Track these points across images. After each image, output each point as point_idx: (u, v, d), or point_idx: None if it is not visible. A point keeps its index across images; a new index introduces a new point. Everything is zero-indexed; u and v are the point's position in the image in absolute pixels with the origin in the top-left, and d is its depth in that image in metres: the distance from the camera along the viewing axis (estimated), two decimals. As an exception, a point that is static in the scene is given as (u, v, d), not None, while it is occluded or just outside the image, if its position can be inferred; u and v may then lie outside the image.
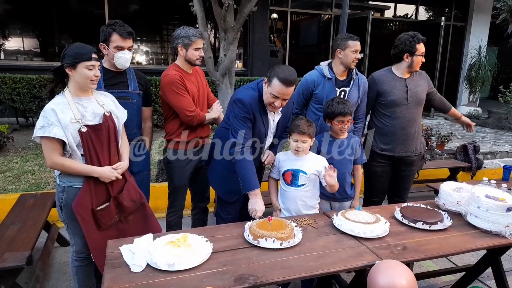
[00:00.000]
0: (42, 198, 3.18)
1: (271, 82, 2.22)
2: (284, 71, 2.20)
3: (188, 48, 2.64)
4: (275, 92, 2.22)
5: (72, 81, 2.06)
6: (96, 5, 8.22)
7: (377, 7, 11.40)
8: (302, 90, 2.98)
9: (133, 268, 1.64)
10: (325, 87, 2.89)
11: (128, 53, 2.44)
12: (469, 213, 2.19)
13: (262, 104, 2.38)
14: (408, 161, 3.10)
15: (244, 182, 2.32)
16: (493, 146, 6.71)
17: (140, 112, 2.64)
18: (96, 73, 2.06)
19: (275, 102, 2.27)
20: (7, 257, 2.23)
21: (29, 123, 6.67)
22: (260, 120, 2.40)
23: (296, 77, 2.23)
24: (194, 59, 2.69)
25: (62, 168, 2.06)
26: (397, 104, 2.97)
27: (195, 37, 2.63)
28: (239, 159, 2.32)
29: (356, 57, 2.86)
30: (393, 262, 1.63)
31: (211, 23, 8.58)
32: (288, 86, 2.20)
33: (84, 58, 2.00)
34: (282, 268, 1.68)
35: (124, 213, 2.24)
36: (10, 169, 4.57)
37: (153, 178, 4.37)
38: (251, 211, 2.25)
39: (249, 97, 2.34)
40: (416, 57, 2.93)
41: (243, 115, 2.33)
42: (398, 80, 3.00)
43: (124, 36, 2.41)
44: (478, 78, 10.16)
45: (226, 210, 2.65)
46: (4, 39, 8.19)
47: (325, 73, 2.90)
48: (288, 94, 2.25)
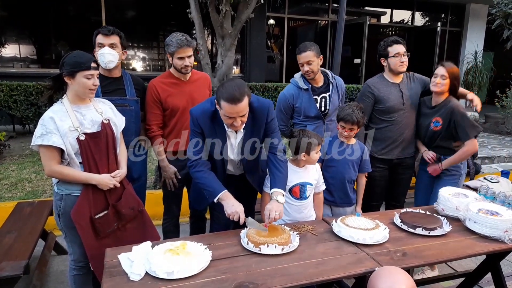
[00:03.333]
0: (39, 206, 3.16)
1: (220, 104, 2.03)
2: (228, 89, 1.99)
3: (173, 56, 2.60)
4: (227, 113, 2.02)
5: (70, 89, 2.06)
6: (93, 12, 8.25)
7: (374, 13, 11.48)
8: (283, 106, 3.00)
9: (131, 276, 1.62)
10: (303, 98, 2.92)
11: (107, 49, 2.42)
12: (468, 219, 2.19)
13: (217, 120, 2.18)
14: (405, 165, 3.12)
15: (208, 191, 2.16)
16: (491, 151, 6.73)
17: (138, 119, 2.63)
18: (95, 82, 2.06)
19: (234, 122, 2.06)
20: (4, 266, 2.21)
21: (26, 131, 6.64)
22: (213, 134, 2.22)
23: (243, 90, 2.00)
24: (178, 68, 2.63)
25: (61, 176, 2.05)
26: (395, 110, 2.98)
27: (174, 47, 2.56)
28: (194, 173, 2.20)
29: (305, 70, 2.85)
30: (393, 268, 1.62)
31: (208, 29, 8.61)
32: (237, 103, 1.97)
33: (83, 68, 2.00)
34: (282, 276, 1.67)
35: (122, 221, 2.22)
36: (6, 176, 4.54)
37: (151, 185, 4.36)
38: (231, 215, 2.05)
39: (200, 111, 2.19)
40: (391, 58, 2.95)
41: (192, 128, 2.22)
42: (392, 85, 3.02)
43: (104, 32, 2.43)
44: (475, 83, 10.23)
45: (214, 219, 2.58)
46: (1, 46, 8.18)
47: (300, 85, 2.92)
48: (242, 111, 2.02)
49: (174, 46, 2.55)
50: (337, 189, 2.68)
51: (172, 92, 2.67)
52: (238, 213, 2.04)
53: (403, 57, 2.93)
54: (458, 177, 2.92)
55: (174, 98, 2.66)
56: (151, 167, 4.53)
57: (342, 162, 2.66)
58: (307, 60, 2.82)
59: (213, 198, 2.14)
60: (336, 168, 2.66)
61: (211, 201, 2.17)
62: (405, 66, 2.97)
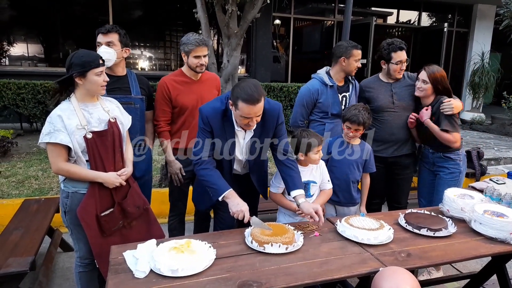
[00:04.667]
0: (45, 203, 3.19)
1: (237, 105, 2.01)
2: (246, 89, 1.98)
3: (189, 55, 2.65)
4: (244, 114, 2.02)
5: (80, 88, 2.07)
6: (100, 11, 8.30)
7: (380, 13, 11.45)
8: (306, 100, 2.97)
9: (136, 274, 1.64)
10: (329, 95, 2.91)
11: (103, 48, 2.42)
12: (473, 220, 2.18)
13: (227, 118, 2.20)
14: (402, 164, 3.11)
15: (213, 188, 2.15)
16: (497, 152, 6.68)
17: (143, 118, 2.64)
18: (105, 78, 2.10)
19: (250, 122, 2.08)
20: (11, 262, 2.23)
21: (33, 129, 6.70)
22: (222, 134, 2.22)
23: (261, 91, 2.01)
24: (194, 67, 2.69)
25: (68, 173, 2.07)
26: (383, 109, 3.00)
27: (193, 45, 2.62)
28: (199, 170, 2.20)
29: (358, 66, 2.90)
30: (398, 269, 1.62)
31: (214, 29, 8.63)
32: (255, 104, 1.98)
33: (93, 66, 2.02)
34: (286, 275, 1.67)
35: (127, 218, 2.24)
36: (14, 174, 4.59)
37: (156, 183, 4.38)
38: (236, 213, 2.04)
39: (210, 109, 2.19)
40: (393, 65, 2.95)
41: (201, 126, 2.22)
42: (383, 85, 3.04)
43: (102, 31, 2.45)
44: (482, 84, 10.15)
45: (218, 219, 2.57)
46: (9, 45, 8.27)
47: (326, 81, 2.92)
48: (259, 110, 2.05)
49: (192, 44, 2.62)
50: (341, 189, 2.68)
51: (182, 91, 2.71)
52: (243, 212, 2.03)
53: (403, 65, 2.94)
54: (458, 174, 2.92)
55: (184, 97, 2.71)
56: (156, 166, 4.55)
57: (346, 163, 2.66)
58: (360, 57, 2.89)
59: (218, 196, 2.13)
60: (340, 168, 2.66)
61: (215, 199, 2.16)
62: (403, 72, 3.01)
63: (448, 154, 2.91)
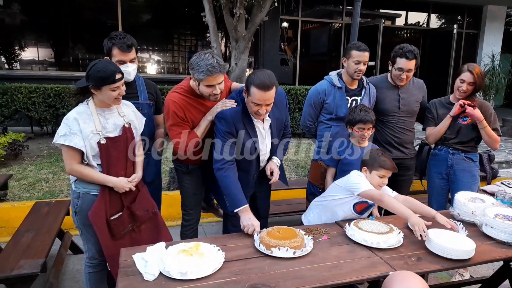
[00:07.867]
0: (56, 206, 3.22)
1: (250, 91, 2.12)
2: (260, 76, 2.11)
3: (200, 82, 2.26)
4: (255, 100, 2.12)
5: (97, 96, 2.09)
6: (109, 15, 8.39)
7: (388, 15, 11.38)
8: (313, 100, 2.97)
9: (146, 276, 1.64)
10: (336, 96, 2.89)
11: (130, 66, 2.42)
12: (484, 224, 2.15)
13: (246, 115, 2.28)
14: (405, 166, 3.08)
15: (230, 199, 2.22)
16: (508, 155, 6.59)
17: (151, 123, 2.64)
18: (121, 92, 2.10)
19: (259, 110, 2.17)
20: (22, 264, 2.26)
21: (44, 132, 6.78)
22: (245, 131, 2.29)
23: (273, 80, 2.13)
24: (206, 95, 2.30)
25: (80, 175, 2.10)
26: (388, 113, 2.99)
27: (204, 74, 2.18)
28: (222, 176, 2.23)
29: (359, 68, 2.78)
30: (408, 273, 1.60)
31: (222, 32, 8.67)
32: (266, 91, 2.09)
33: (108, 82, 2.02)
34: (295, 278, 1.67)
35: (136, 222, 2.26)
36: (25, 177, 4.64)
37: (165, 186, 4.40)
38: (246, 227, 2.09)
39: (231, 111, 2.26)
40: (394, 70, 2.91)
41: (224, 130, 2.25)
42: (391, 88, 3.01)
43: (123, 50, 2.38)
44: (492, 86, 10.05)
45: (231, 223, 2.56)
46: (20, 49, 8.39)
47: (335, 82, 2.89)
48: (269, 98, 2.14)
49: (203, 73, 2.18)
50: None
51: (193, 111, 2.41)
52: (254, 226, 2.09)
53: (403, 74, 2.87)
54: (478, 176, 2.98)
55: (196, 114, 2.43)
56: (164, 169, 4.57)
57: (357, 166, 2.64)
58: (366, 60, 2.80)
59: (234, 208, 2.19)
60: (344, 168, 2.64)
61: (231, 210, 2.22)
62: (404, 81, 2.94)
63: (470, 155, 2.89)
